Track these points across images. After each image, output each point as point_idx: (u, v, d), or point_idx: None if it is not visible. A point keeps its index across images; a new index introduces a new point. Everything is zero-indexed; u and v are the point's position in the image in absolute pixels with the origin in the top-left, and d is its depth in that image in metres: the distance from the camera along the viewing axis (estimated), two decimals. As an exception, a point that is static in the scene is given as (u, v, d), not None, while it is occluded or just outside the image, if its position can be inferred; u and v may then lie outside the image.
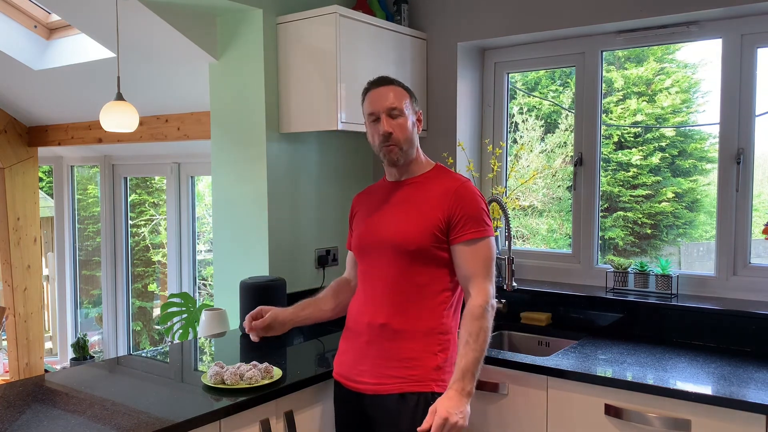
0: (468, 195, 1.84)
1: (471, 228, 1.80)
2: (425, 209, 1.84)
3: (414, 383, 1.80)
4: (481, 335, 1.73)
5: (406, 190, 1.91)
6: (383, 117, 1.85)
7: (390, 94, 1.87)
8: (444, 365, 1.83)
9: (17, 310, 4.92)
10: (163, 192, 5.02)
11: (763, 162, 2.58)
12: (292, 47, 2.70)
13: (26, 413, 1.69)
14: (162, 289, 5.18)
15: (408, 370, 1.81)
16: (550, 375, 2.13)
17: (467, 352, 1.71)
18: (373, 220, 1.94)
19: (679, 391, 1.90)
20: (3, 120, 4.70)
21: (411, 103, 1.90)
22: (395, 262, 1.84)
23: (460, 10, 2.96)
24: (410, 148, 1.89)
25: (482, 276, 1.80)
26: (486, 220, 1.84)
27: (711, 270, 2.61)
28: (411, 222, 1.84)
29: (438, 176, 1.92)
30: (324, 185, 3.01)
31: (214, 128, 2.92)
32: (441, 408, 1.64)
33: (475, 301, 1.77)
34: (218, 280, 2.96)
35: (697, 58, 2.76)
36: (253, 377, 1.86)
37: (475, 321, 1.74)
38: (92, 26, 3.04)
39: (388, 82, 1.91)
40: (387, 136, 1.84)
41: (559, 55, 2.92)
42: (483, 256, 1.81)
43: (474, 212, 1.82)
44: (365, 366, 1.87)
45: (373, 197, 2.00)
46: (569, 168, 2.96)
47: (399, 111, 1.85)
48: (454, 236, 1.82)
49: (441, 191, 1.85)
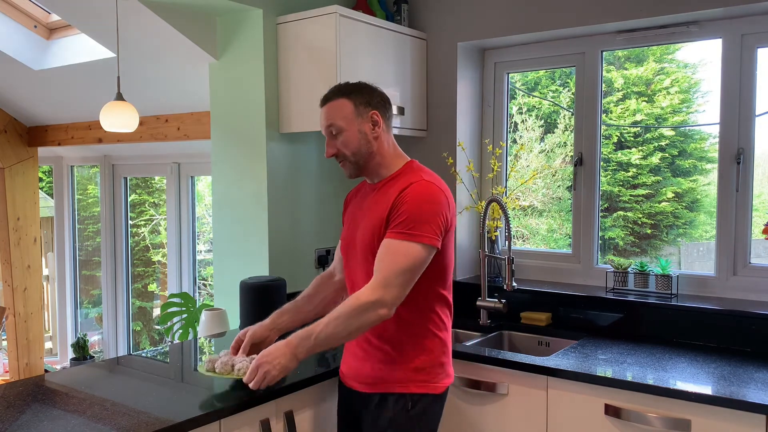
0: (412, 195, 1.72)
1: (399, 227, 1.69)
2: (380, 209, 1.79)
3: (395, 384, 1.80)
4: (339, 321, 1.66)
5: (375, 194, 1.87)
6: (327, 138, 1.84)
7: (327, 114, 1.82)
8: (426, 367, 1.80)
9: (17, 310, 4.92)
10: (163, 192, 5.02)
11: (763, 162, 2.58)
12: (292, 47, 2.70)
13: (26, 413, 1.69)
14: (162, 289, 5.18)
15: (390, 370, 1.80)
16: (550, 375, 2.13)
17: (323, 325, 1.67)
18: (352, 223, 1.93)
19: (679, 391, 1.90)
20: (3, 120, 4.70)
21: (356, 109, 1.80)
22: (363, 264, 1.82)
23: (460, 10, 2.96)
24: (363, 158, 1.83)
25: (382, 275, 1.67)
26: (420, 225, 1.68)
27: (711, 270, 2.61)
28: (370, 225, 1.80)
29: (403, 175, 1.83)
30: (324, 185, 3.01)
31: (214, 128, 2.92)
32: (259, 355, 1.68)
33: (360, 292, 1.68)
34: (218, 280, 2.96)
35: (697, 58, 2.76)
36: (243, 368, 1.79)
37: (345, 306, 1.68)
38: (92, 26, 3.04)
39: (326, 99, 1.84)
40: (333, 156, 1.84)
41: (559, 55, 2.92)
42: (397, 259, 1.67)
43: (409, 213, 1.69)
44: (354, 364, 1.90)
45: (358, 199, 1.98)
46: (569, 168, 2.96)
47: (337, 128, 1.81)
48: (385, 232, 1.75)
49: (394, 192, 1.77)
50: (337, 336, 1.69)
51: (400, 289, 1.68)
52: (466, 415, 2.30)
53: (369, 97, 1.84)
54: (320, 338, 1.67)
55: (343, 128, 1.80)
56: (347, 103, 1.81)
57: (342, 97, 1.82)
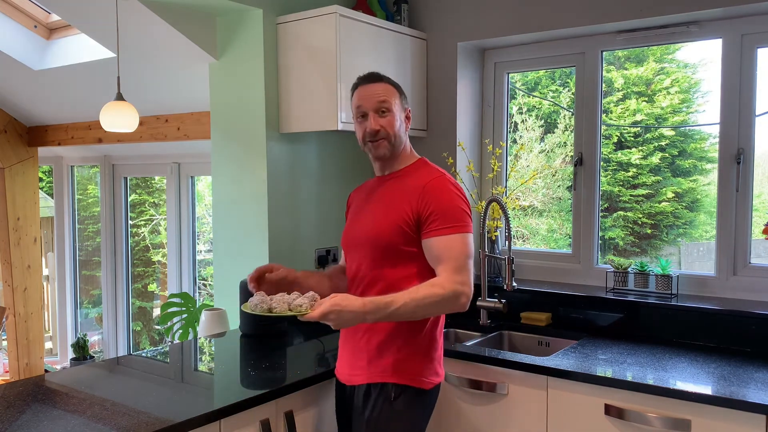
0: (438, 190, 1.79)
1: (440, 224, 1.76)
2: (396, 204, 1.82)
3: (377, 375, 1.81)
4: (423, 303, 1.67)
5: (386, 186, 1.91)
6: (371, 114, 1.84)
7: (379, 91, 1.85)
8: (413, 358, 1.82)
9: (17, 310, 4.92)
10: (163, 192, 5.02)
11: (763, 162, 2.58)
12: (292, 47, 2.70)
13: (26, 413, 1.69)
14: (162, 289, 5.18)
15: (373, 360, 1.82)
16: (550, 375, 2.13)
17: (403, 302, 1.65)
18: (355, 217, 1.96)
19: (679, 391, 1.90)
20: (3, 120, 4.70)
21: (400, 100, 1.89)
22: (368, 258, 1.85)
23: (460, 10, 2.96)
24: (398, 144, 1.88)
25: (452, 268, 1.73)
26: (458, 216, 1.77)
27: (711, 270, 2.61)
28: (381, 218, 1.83)
29: (416, 170, 1.89)
30: (324, 185, 3.01)
31: (214, 128, 2.92)
32: (334, 302, 1.61)
33: (444, 281, 1.71)
34: (218, 280, 2.96)
35: (697, 58, 2.76)
36: (303, 305, 1.68)
37: (432, 287, 1.69)
38: (92, 26, 3.04)
39: (377, 78, 1.89)
40: (374, 133, 1.84)
41: (559, 55, 2.92)
42: (453, 252, 1.74)
43: (443, 208, 1.77)
44: (344, 358, 1.93)
45: (362, 194, 2.01)
46: (569, 168, 2.96)
47: (387, 108, 1.85)
48: (423, 232, 1.78)
49: (412, 186, 1.83)
50: (417, 315, 1.72)
51: (471, 279, 1.76)
52: (466, 415, 2.30)
53: (404, 94, 1.94)
54: (397, 313, 1.66)
55: (393, 109, 1.85)
56: (395, 92, 1.89)
57: (391, 85, 1.89)
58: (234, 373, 2.11)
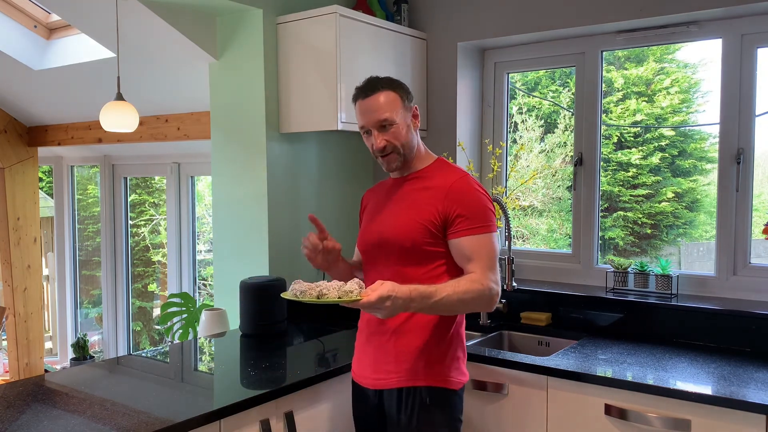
0: (464, 190, 1.78)
1: (469, 224, 1.75)
2: (420, 205, 1.80)
3: (409, 378, 1.78)
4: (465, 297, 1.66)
5: (405, 187, 1.88)
6: (374, 132, 1.81)
7: (379, 104, 1.79)
8: (443, 360, 1.80)
9: (17, 310, 4.92)
10: (163, 192, 5.02)
11: (763, 162, 2.58)
12: (292, 47, 2.70)
13: (26, 413, 1.69)
14: (162, 289, 5.18)
15: (403, 364, 1.79)
16: (550, 375, 2.13)
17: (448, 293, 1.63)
18: (373, 218, 1.92)
19: (679, 391, 1.90)
20: (3, 120, 4.70)
21: (403, 103, 1.83)
22: (391, 259, 1.82)
23: (460, 10, 2.96)
24: (409, 151, 1.85)
25: (485, 266, 1.73)
26: (485, 215, 1.77)
27: (711, 270, 2.61)
28: (405, 218, 1.81)
29: (437, 171, 1.87)
30: (324, 185, 3.01)
31: (214, 128, 2.92)
32: (387, 290, 1.54)
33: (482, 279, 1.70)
34: (218, 280, 2.96)
35: (697, 58, 2.76)
36: (354, 291, 1.57)
37: (472, 283, 1.68)
38: (92, 26, 3.04)
39: (375, 87, 1.81)
40: (381, 150, 1.81)
41: (559, 55, 2.92)
42: (483, 251, 1.74)
43: (470, 208, 1.76)
44: (366, 361, 1.88)
45: (379, 194, 1.98)
46: (569, 168, 2.96)
47: (390, 122, 1.79)
48: (450, 233, 1.77)
49: (437, 186, 1.81)
50: (455, 309, 1.72)
51: (496, 271, 1.76)
52: (466, 415, 2.30)
53: (408, 92, 1.87)
54: (441, 304, 1.63)
55: (395, 121, 1.80)
56: (396, 97, 1.82)
57: (390, 90, 1.82)
58: (234, 373, 2.11)
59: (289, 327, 2.62)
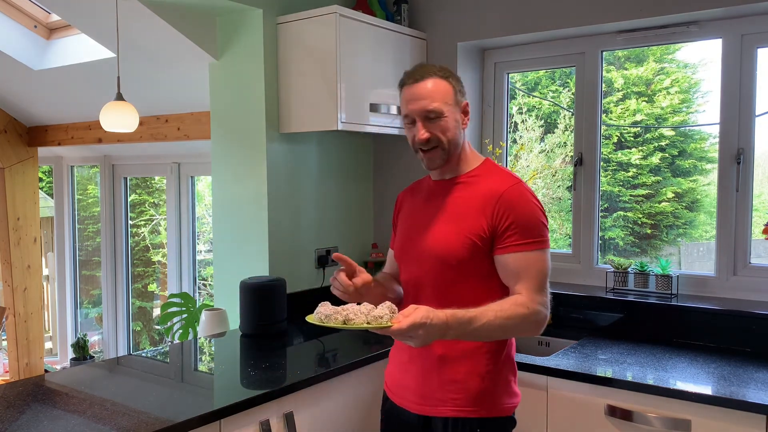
0: (517, 200, 1.59)
1: (519, 238, 1.57)
2: (467, 215, 1.62)
3: (459, 408, 1.62)
4: (509, 322, 1.50)
5: (449, 192, 1.68)
6: (419, 121, 1.62)
7: (427, 92, 1.60)
8: (495, 387, 1.64)
9: (17, 310, 4.92)
10: (163, 192, 5.02)
11: (763, 162, 2.58)
12: (292, 47, 2.70)
13: (26, 413, 1.69)
14: (162, 289, 5.18)
15: (450, 393, 1.63)
16: (550, 375, 2.13)
17: (488, 319, 1.47)
18: (414, 226, 1.73)
19: (679, 391, 1.90)
20: (3, 120, 4.70)
21: (455, 95, 1.64)
22: (437, 275, 1.64)
23: (460, 10, 2.96)
24: (455, 148, 1.66)
25: (533, 287, 1.55)
26: (538, 230, 1.58)
27: (711, 270, 2.61)
28: (451, 231, 1.62)
29: (486, 175, 1.67)
30: (324, 185, 3.01)
31: (214, 128, 2.92)
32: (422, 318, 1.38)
33: (529, 301, 1.54)
34: (218, 280, 2.96)
35: (697, 58, 2.76)
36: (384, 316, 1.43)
37: (517, 306, 1.52)
38: (92, 26, 3.04)
39: (425, 73, 1.62)
40: (424, 142, 1.62)
41: (559, 55, 2.92)
42: (532, 270, 1.56)
43: (523, 221, 1.57)
44: (409, 382, 1.71)
45: (417, 197, 1.79)
46: (569, 168, 2.96)
47: (437, 113, 1.60)
48: (498, 246, 1.59)
49: (486, 194, 1.61)
50: (497, 336, 1.56)
51: (547, 293, 1.60)
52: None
53: (461, 85, 1.68)
54: (481, 330, 1.47)
55: (444, 113, 1.61)
56: (448, 87, 1.63)
57: (442, 78, 1.63)
58: (234, 373, 2.11)
59: (289, 327, 2.62)
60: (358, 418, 2.20)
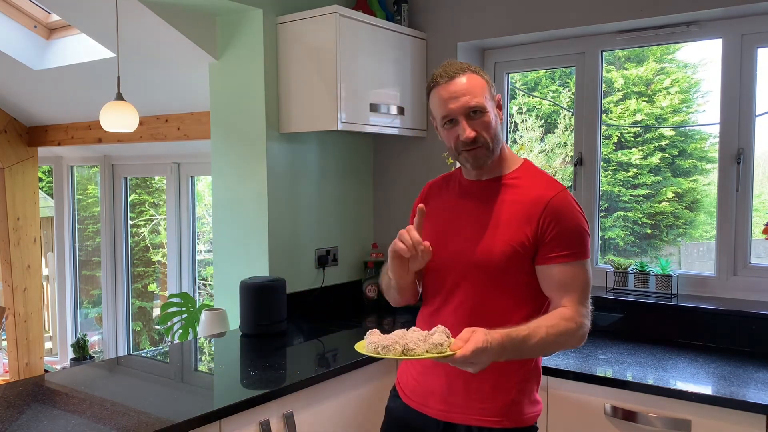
0: (564, 209, 1.53)
1: (564, 249, 1.51)
2: (512, 222, 1.54)
3: (482, 418, 1.56)
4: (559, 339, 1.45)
5: (489, 195, 1.60)
6: (462, 120, 1.54)
7: (466, 88, 1.53)
8: (521, 399, 1.58)
9: (17, 310, 4.92)
10: (163, 192, 5.02)
11: (763, 162, 2.58)
12: (292, 47, 2.70)
13: (26, 413, 1.69)
14: (162, 289, 5.18)
15: (476, 402, 1.57)
16: (550, 375, 2.13)
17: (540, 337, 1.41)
18: (446, 228, 1.63)
19: (679, 391, 1.90)
20: (3, 120, 4.70)
21: (489, 90, 1.58)
22: (474, 283, 1.56)
23: (460, 10, 2.96)
24: (498, 146, 1.58)
25: (578, 300, 1.51)
26: (583, 240, 1.53)
27: (711, 270, 2.61)
28: (494, 236, 1.54)
29: (527, 179, 1.59)
30: (324, 185, 3.01)
31: (214, 128, 2.92)
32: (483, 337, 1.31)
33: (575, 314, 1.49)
34: (218, 280, 2.96)
35: (697, 58, 2.76)
36: (444, 343, 1.34)
37: (566, 321, 1.47)
38: (92, 26, 3.04)
39: (458, 70, 1.55)
40: (470, 141, 1.54)
41: (559, 55, 2.92)
42: (578, 281, 1.52)
43: (570, 230, 1.52)
44: (433, 387, 1.63)
45: (446, 194, 1.69)
46: (569, 168, 2.96)
47: (481, 108, 1.53)
48: (542, 256, 1.52)
49: (531, 200, 1.54)
50: (546, 352, 1.50)
51: (589, 306, 1.56)
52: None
53: (491, 80, 1.63)
54: (534, 348, 1.43)
55: (486, 108, 1.54)
56: (483, 82, 1.58)
57: (475, 73, 1.57)
58: (234, 373, 2.11)
59: (289, 327, 2.62)
60: (358, 418, 2.20)
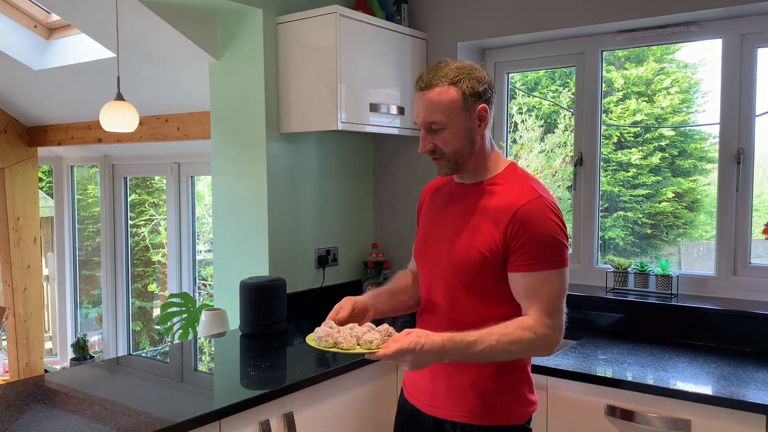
0: (533, 218, 1.50)
1: (532, 258, 1.49)
2: (481, 225, 1.55)
3: (468, 416, 1.59)
4: (513, 347, 1.46)
5: (468, 199, 1.62)
6: (422, 131, 1.57)
7: (431, 102, 1.53)
8: (503, 396, 1.59)
9: (17, 310, 4.92)
10: (163, 192, 5.02)
11: (763, 162, 2.58)
12: (292, 47, 2.70)
13: (26, 413, 1.69)
14: (162, 289, 5.18)
15: (459, 399, 1.60)
16: (550, 375, 2.13)
17: (489, 344, 1.43)
18: (433, 227, 1.69)
19: (679, 391, 1.90)
20: (3, 120, 4.70)
21: (464, 103, 1.55)
22: (450, 285, 1.60)
23: (460, 10, 2.96)
24: (463, 158, 1.59)
25: (543, 310, 1.49)
26: (554, 249, 1.50)
27: (711, 270, 2.61)
28: (467, 240, 1.56)
29: (506, 184, 1.59)
30: (324, 185, 3.01)
31: (214, 128, 2.92)
32: (409, 344, 1.36)
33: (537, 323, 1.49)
34: (218, 280, 2.96)
35: (697, 58, 2.76)
36: (374, 341, 1.45)
37: (523, 331, 1.47)
38: (92, 26, 3.04)
39: (433, 81, 1.54)
40: (429, 153, 1.58)
41: (559, 55, 2.92)
42: (545, 291, 1.50)
43: (538, 240, 1.49)
44: (422, 384, 1.68)
45: (439, 196, 1.73)
46: (569, 168, 2.96)
47: (439, 125, 1.54)
48: (511, 263, 1.52)
49: (503, 206, 1.53)
50: (500, 358, 1.50)
51: (563, 321, 1.54)
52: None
53: (479, 86, 1.58)
54: (483, 354, 1.44)
55: (447, 125, 1.54)
56: (455, 95, 1.54)
57: (449, 85, 1.54)
58: (234, 373, 2.11)
59: (289, 327, 2.62)
60: (358, 418, 2.20)
